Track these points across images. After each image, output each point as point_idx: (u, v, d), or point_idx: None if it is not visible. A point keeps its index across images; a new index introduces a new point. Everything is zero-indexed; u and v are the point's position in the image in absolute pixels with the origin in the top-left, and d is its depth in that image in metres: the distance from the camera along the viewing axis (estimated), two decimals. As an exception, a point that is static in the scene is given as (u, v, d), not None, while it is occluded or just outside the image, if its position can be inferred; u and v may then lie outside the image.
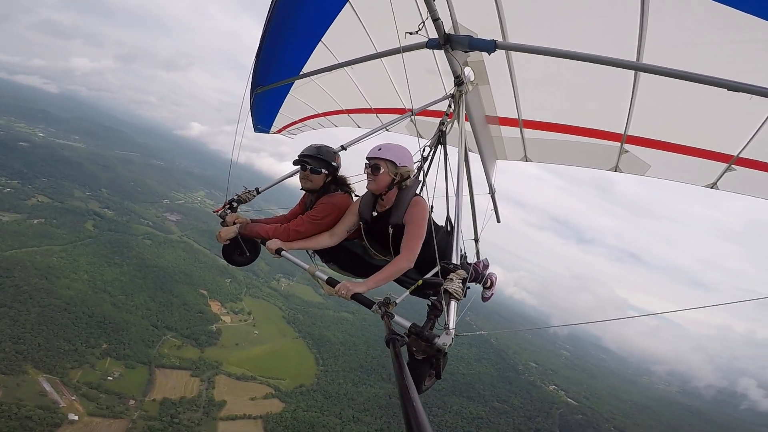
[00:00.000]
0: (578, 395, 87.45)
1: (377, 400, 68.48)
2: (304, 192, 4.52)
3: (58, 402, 49.75)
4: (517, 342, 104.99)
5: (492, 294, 5.65)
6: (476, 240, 6.36)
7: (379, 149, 3.74)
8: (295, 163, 4.26)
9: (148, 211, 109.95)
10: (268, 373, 69.07)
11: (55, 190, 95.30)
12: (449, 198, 4.39)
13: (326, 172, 4.23)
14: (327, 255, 4.36)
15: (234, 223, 4.27)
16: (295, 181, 4.53)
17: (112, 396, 54.13)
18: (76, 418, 48.93)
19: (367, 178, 3.82)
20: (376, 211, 3.91)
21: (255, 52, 5.59)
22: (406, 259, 3.44)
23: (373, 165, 3.74)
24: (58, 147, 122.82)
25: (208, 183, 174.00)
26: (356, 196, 4.37)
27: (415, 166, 4.36)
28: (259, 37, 5.35)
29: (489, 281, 5.48)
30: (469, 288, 4.78)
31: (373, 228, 3.95)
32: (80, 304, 64.69)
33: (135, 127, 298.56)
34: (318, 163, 4.19)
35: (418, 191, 4.41)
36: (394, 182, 3.75)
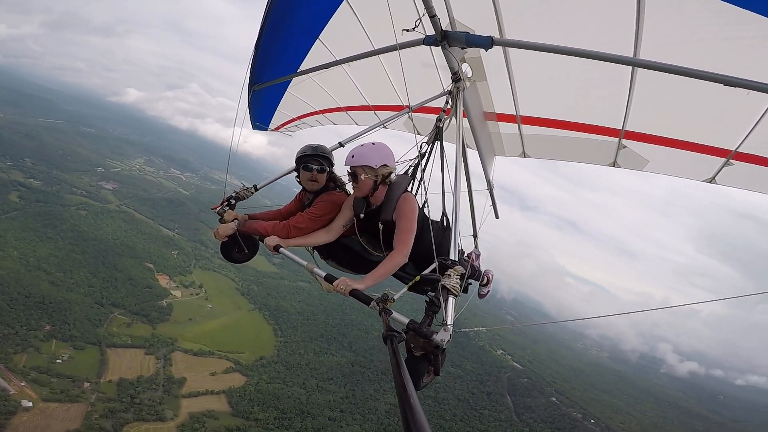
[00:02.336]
0: (523, 359, 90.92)
1: (340, 368, 68.87)
2: (302, 190, 4.55)
3: (8, 389, 47.23)
4: (467, 307, 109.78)
5: (488, 291, 5.71)
6: (475, 236, 6.43)
7: (353, 156, 3.72)
8: (303, 165, 4.27)
9: (80, 180, 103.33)
10: (226, 347, 67.88)
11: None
12: (447, 194, 4.39)
13: (328, 170, 4.30)
14: (325, 252, 4.42)
15: (232, 220, 4.26)
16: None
17: (64, 380, 51.67)
18: (31, 404, 46.76)
19: (353, 186, 3.86)
20: (368, 208, 3.95)
21: (253, 49, 5.52)
22: (400, 254, 3.50)
23: (352, 173, 3.76)
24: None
25: (147, 150, 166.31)
26: (350, 193, 4.40)
27: (400, 164, 4.41)
28: (257, 34, 5.31)
29: (486, 278, 5.56)
30: (470, 284, 4.91)
31: (366, 224, 4.00)
32: (14, 284, 60.60)
33: (61, 94, 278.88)
34: (324, 162, 4.27)
35: (413, 188, 4.53)
36: (377, 183, 3.76)
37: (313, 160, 4.24)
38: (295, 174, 4.44)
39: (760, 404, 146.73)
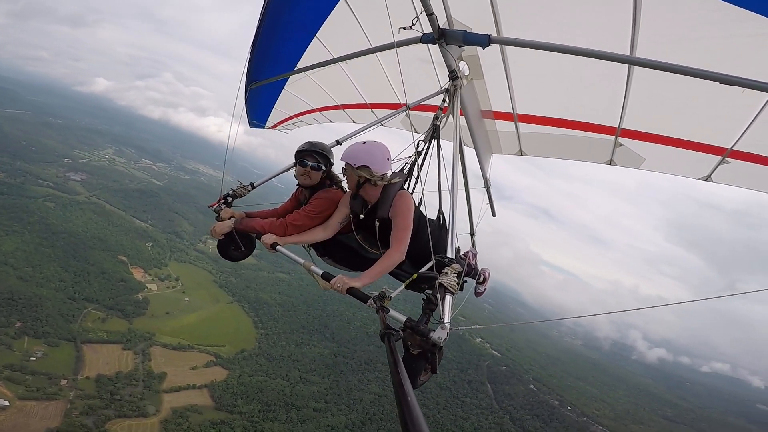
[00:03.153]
0: (501, 347, 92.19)
1: (323, 359, 68.82)
2: (298, 187, 4.55)
3: (-19, 389, 46.07)
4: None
5: (485, 289, 5.71)
6: (472, 234, 6.42)
7: (344, 152, 3.81)
8: (299, 161, 4.25)
9: (46, 172, 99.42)
10: (206, 340, 67.04)
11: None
12: (443, 192, 4.41)
13: (324, 168, 4.28)
14: (322, 249, 4.41)
15: (229, 218, 4.24)
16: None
17: (40, 377, 50.17)
18: (7, 403, 45.45)
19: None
20: (366, 206, 3.96)
21: (249, 47, 5.51)
22: (397, 252, 3.51)
23: (342, 168, 3.88)
24: None
25: (116, 140, 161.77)
26: (347, 190, 4.41)
27: (396, 162, 4.45)
28: (253, 32, 5.29)
29: (482, 276, 5.57)
30: (465, 282, 4.77)
31: (362, 222, 4.00)
32: (-21, 281, 58.51)
33: (24, 84, 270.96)
34: (320, 159, 4.24)
35: (410, 185, 4.57)
36: (360, 182, 3.74)
37: (309, 156, 4.22)
38: (293, 170, 4.41)
39: (724, 391, 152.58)
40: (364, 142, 3.80)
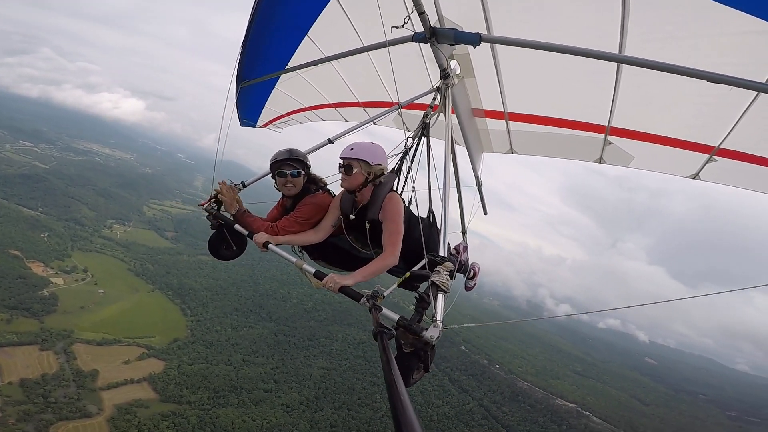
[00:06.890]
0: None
1: (264, 340, 67.77)
2: (282, 195, 4.51)
3: None
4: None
5: (475, 284, 5.74)
6: (463, 232, 6.41)
7: (352, 149, 3.80)
8: (277, 171, 4.24)
9: None
10: (133, 332, 63.72)
11: None
12: (434, 190, 4.41)
13: (304, 172, 4.26)
14: (315, 251, 4.40)
15: (236, 201, 4.27)
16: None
17: (-47, 387, 46.60)
18: (-74, 417, 41.51)
19: (342, 177, 3.86)
20: (356, 207, 3.97)
21: (240, 46, 5.47)
22: (391, 256, 3.52)
23: (347, 165, 3.79)
24: None
25: None
26: (334, 194, 4.46)
27: (393, 160, 4.50)
28: (244, 30, 5.28)
29: (472, 271, 5.61)
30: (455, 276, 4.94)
31: (353, 223, 3.99)
32: None
33: None
34: (297, 165, 4.22)
35: (398, 185, 4.58)
36: (368, 180, 3.78)
37: (286, 164, 4.19)
38: (273, 181, 4.38)
39: (618, 346, 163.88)
40: (372, 143, 3.88)
